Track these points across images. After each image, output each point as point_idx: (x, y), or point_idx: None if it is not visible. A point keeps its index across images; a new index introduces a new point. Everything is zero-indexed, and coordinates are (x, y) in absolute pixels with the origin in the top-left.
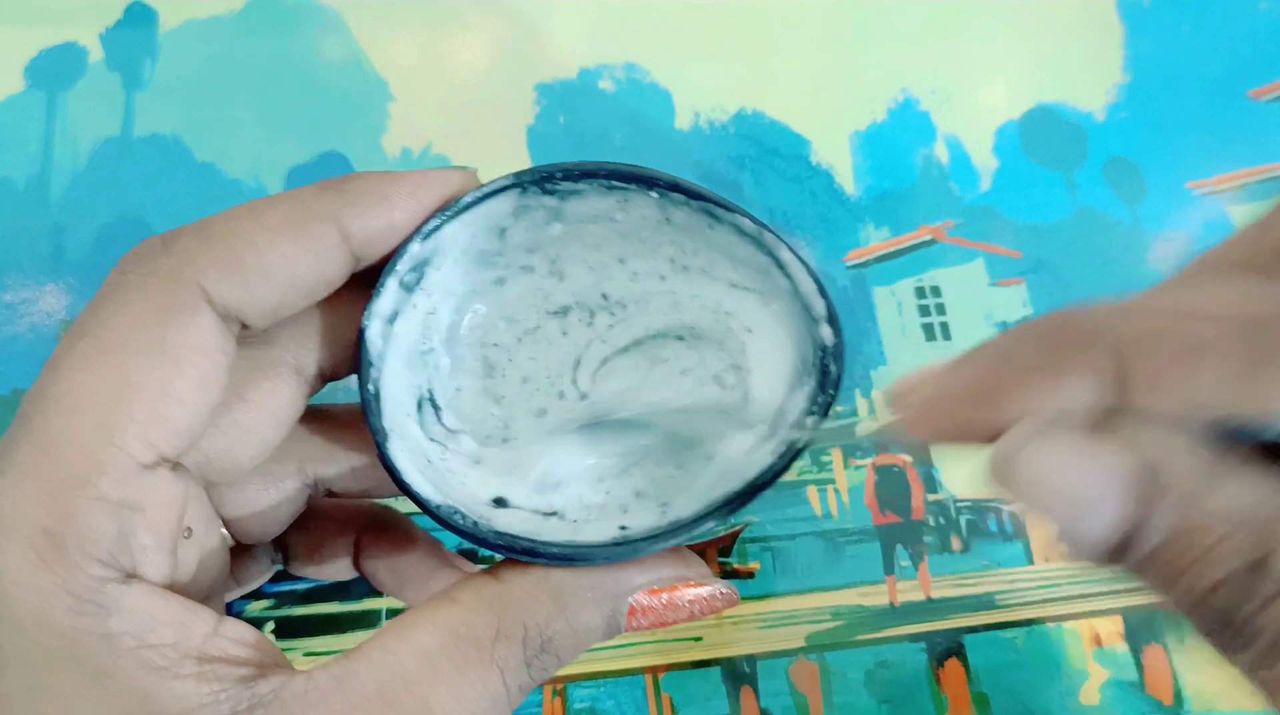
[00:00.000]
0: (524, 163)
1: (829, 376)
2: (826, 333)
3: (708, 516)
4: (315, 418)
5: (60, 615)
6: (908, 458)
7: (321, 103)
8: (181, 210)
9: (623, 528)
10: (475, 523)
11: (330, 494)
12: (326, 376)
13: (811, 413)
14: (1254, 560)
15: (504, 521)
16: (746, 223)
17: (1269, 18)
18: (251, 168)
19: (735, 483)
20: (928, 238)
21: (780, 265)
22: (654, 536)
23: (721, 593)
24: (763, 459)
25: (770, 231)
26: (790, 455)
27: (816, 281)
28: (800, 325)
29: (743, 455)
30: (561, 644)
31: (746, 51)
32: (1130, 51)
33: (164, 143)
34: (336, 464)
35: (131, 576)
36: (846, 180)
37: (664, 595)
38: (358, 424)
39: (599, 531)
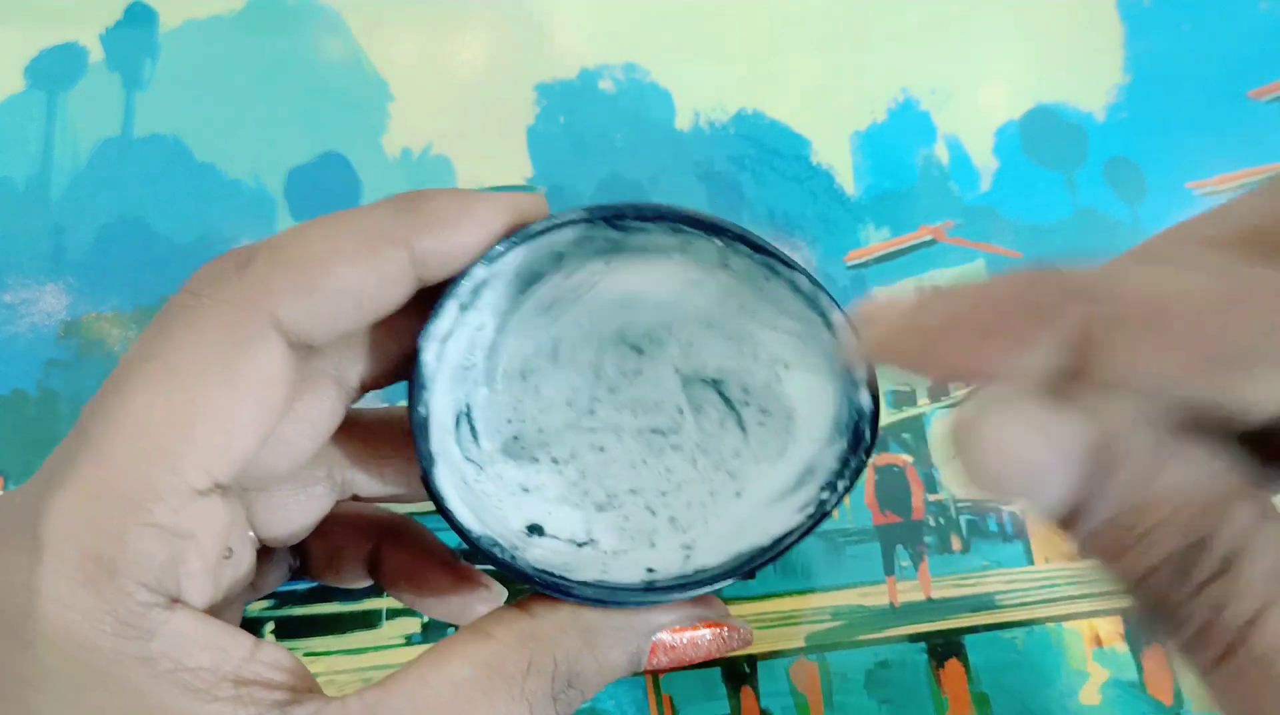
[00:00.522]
0: (524, 163)
1: (862, 441)
2: (865, 398)
3: (733, 571)
4: (346, 423)
5: (101, 637)
6: (908, 458)
7: (321, 103)
8: (182, 210)
9: (650, 570)
10: (513, 556)
11: (356, 497)
12: (366, 387)
13: (841, 476)
14: (1193, 542)
15: (536, 553)
16: (803, 281)
17: (1269, 18)
18: (252, 168)
19: (760, 537)
20: (928, 238)
21: (830, 326)
22: (681, 584)
23: (739, 634)
24: (789, 516)
25: (825, 292)
26: (818, 517)
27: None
28: (840, 387)
29: (767, 503)
30: (587, 680)
31: (746, 51)
32: (1130, 51)
33: (164, 143)
34: (365, 469)
35: (175, 601)
36: (847, 180)
37: (685, 634)
38: (387, 429)
39: (627, 566)
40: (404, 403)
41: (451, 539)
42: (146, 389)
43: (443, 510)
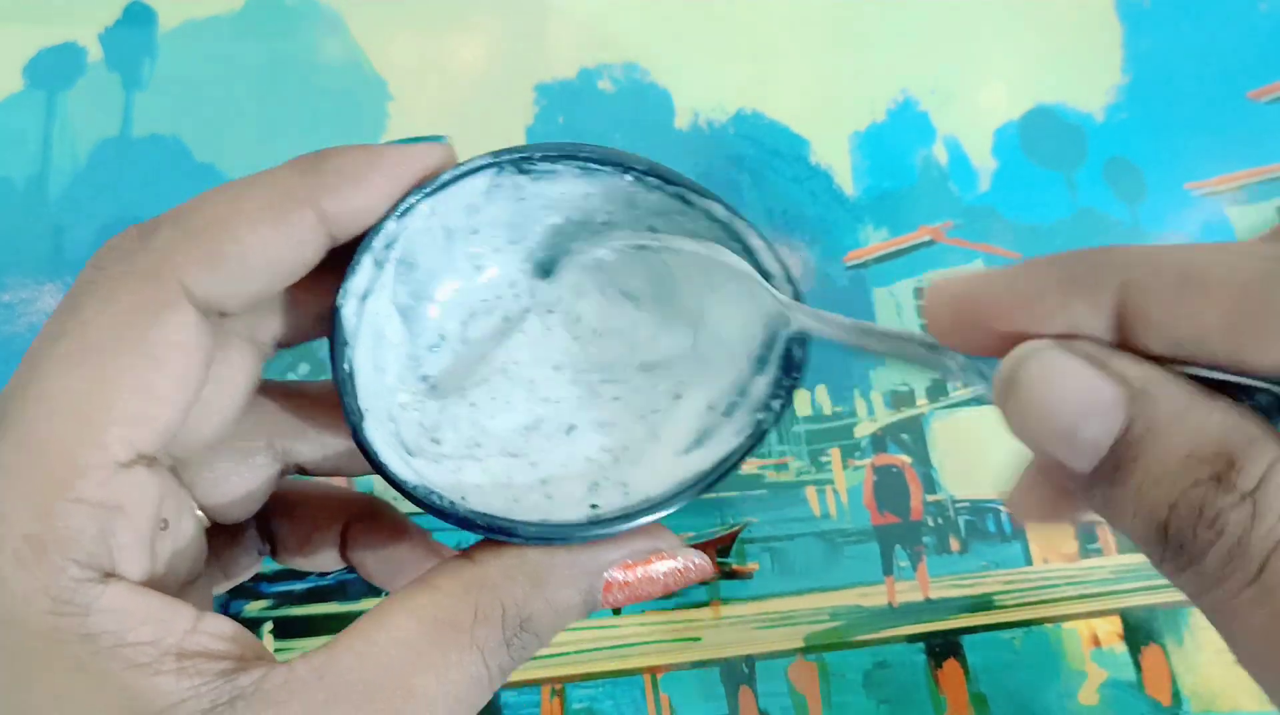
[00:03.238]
0: None
1: (793, 361)
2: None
3: (678, 495)
4: (284, 394)
5: (40, 616)
6: (906, 459)
7: (321, 102)
8: None
9: (594, 506)
10: (451, 502)
11: (302, 471)
12: (281, 345)
13: (776, 396)
14: (1218, 472)
15: (478, 499)
16: (718, 209)
17: (1268, 18)
18: (250, 167)
19: (701, 462)
20: (927, 238)
21: (749, 251)
22: (627, 515)
23: (695, 563)
24: (729, 439)
25: (741, 218)
26: (757, 437)
27: (785, 268)
28: (767, 312)
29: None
30: (540, 623)
31: (746, 52)
32: (1129, 52)
33: (163, 143)
34: (307, 440)
35: (110, 576)
36: (846, 181)
37: (638, 569)
38: (327, 401)
39: (571, 506)
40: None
41: (408, 507)
42: (60, 366)
43: (374, 463)
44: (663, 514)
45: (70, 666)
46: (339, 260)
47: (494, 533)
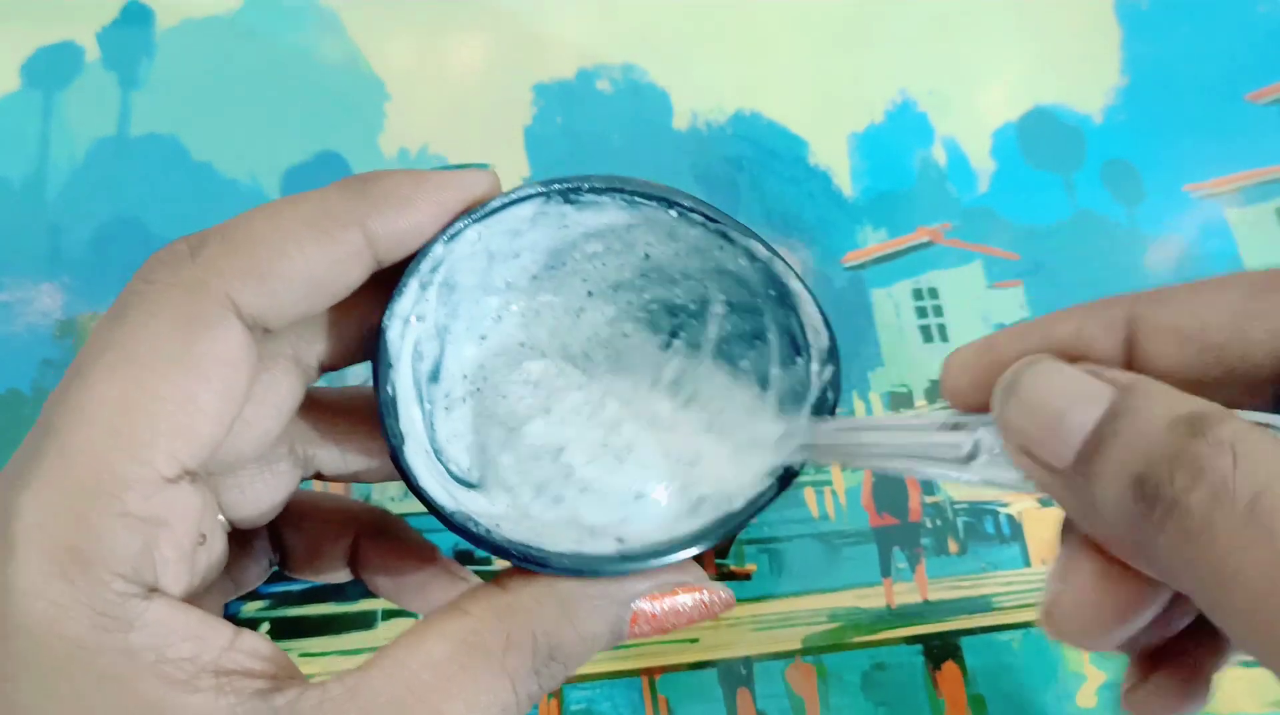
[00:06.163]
0: (521, 163)
1: (825, 405)
2: (828, 367)
3: (705, 535)
4: (306, 401)
5: (81, 630)
6: None
7: (318, 102)
8: (178, 210)
9: (620, 541)
10: (488, 531)
11: (319, 476)
12: (325, 367)
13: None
14: (1195, 428)
15: (509, 528)
16: (759, 248)
17: (1267, 20)
18: (248, 167)
19: (731, 503)
20: (925, 239)
21: (787, 295)
22: (656, 552)
23: (720, 597)
24: (758, 481)
25: (780, 258)
26: (787, 479)
27: (822, 313)
28: (803, 352)
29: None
30: (569, 652)
31: (745, 52)
32: (1128, 54)
33: (160, 142)
34: (327, 447)
35: (153, 591)
36: (844, 182)
37: (665, 601)
38: (349, 407)
39: (596, 537)
40: (355, 383)
41: (418, 522)
42: (107, 378)
43: (413, 488)
44: (690, 552)
45: (106, 682)
46: (380, 283)
47: (527, 562)
